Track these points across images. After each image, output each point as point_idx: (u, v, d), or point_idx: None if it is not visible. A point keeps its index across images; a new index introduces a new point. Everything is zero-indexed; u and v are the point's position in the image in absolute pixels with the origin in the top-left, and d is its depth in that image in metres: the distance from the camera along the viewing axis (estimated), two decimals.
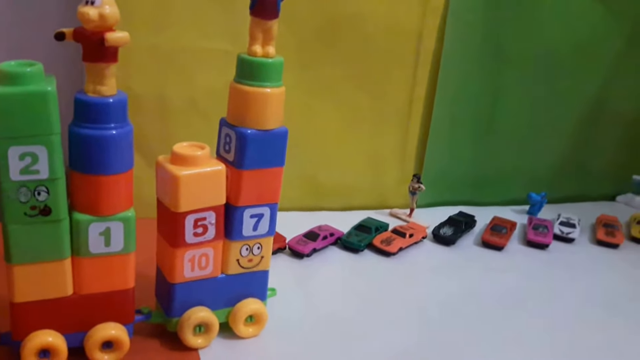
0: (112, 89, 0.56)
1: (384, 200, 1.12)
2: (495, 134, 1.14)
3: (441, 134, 1.10)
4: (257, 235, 0.67)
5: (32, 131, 0.53)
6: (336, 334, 0.72)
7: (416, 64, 1.04)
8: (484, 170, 1.16)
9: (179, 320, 0.66)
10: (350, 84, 1.03)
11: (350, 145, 1.07)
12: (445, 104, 1.08)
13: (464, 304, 0.82)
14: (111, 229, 0.59)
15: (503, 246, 0.99)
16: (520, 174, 1.19)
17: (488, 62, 1.08)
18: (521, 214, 1.14)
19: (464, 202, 1.15)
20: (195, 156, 0.62)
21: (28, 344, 0.58)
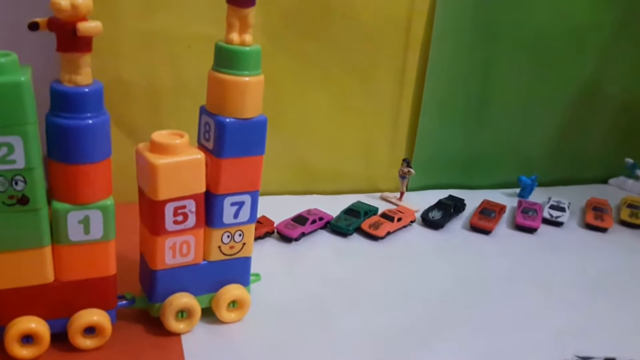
0: (88, 78, 0.55)
1: (374, 184, 1.11)
2: (486, 117, 1.13)
3: (432, 117, 1.08)
4: (238, 223, 0.67)
5: (7, 121, 0.52)
6: (322, 318, 0.72)
7: (406, 47, 1.03)
8: (475, 153, 1.15)
9: (161, 306, 0.65)
10: (339, 68, 1.01)
11: (341, 129, 1.06)
12: (435, 88, 1.06)
13: (451, 287, 0.81)
14: (90, 217, 0.58)
15: (491, 230, 0.98)
16: (512, 156, 1.18)
17: (478, 46, 1.06)
18: (512, 197, 1.13)
19: (455, 185, 1.14)
20: (174, 144, 0.61)
21: (11, 330, 0.58)
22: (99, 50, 0.59)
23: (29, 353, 0.59)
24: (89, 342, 0.62)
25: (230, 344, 0.66)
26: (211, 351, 0.65)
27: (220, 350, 0.65)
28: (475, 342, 0.70)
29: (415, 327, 0.72)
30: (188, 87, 0.92)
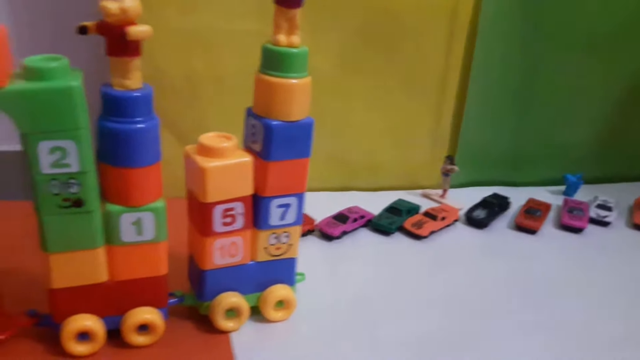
0: (138, 82, 0.55)
1: (415, 181, 1.08)
2: (532, 113, 1.08)
3: (476, 112, 1.04)
4: (285, 225, 0.66)
5: (60, 126, 0.52)
6: (365, 318, 0.70)
7: (450, 41, 0.99)
8: (520, 149, 1.10)
9: (210, 304, 0.65)
10: (380, 63, 0.98)
11: (381, 124, 1.03)
12: (480, 83, 1.02)
13: (498, 289, 0.78)
14: (142, 219, 0.58)
15: (537, 230, 0.94)
16: (557, 153, 1.12)
17: (525, 40, 1.02)
18: (557, 195, 1.09)
19: (498, 182, 1.10)
20: (222, 147, 0.60)
21: (67, 327, 0.59)
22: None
23: (85, 350, 0.60)
24: (141, 339, 0.62)
25: (277, 342, 0.65)
26: (260, 349, 0.64)
27: (268, 348, 0.64)
28: (526, 346, 0.67)
29: (463, 330, 0.69)
30: (227, 83, 0.91)
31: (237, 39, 0.89)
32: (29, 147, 0.52)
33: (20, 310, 0.61)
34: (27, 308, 0.62)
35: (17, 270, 0.71)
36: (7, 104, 0.50)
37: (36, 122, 0.51)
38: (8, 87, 0.50)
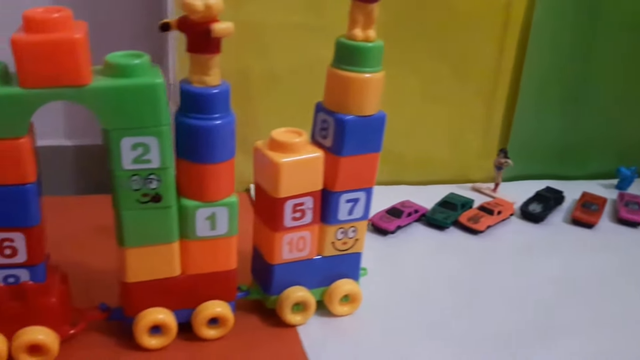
0: (217, 79, 0.55)
1: (465, 174, 1.06)
2: (584, 106, 1.06)
3: (529, 105, 1.03)
4: (352, 219, 0.66)
5: (143, 123, 0.52)
6: (428, 313, 0.70)
7: (504, 31, 0.97)
8: (572, 142, 1.08)
9: (277, 299, 0.65)
10: (431, 55, 0.97)
11: (431, 117, 1.02)
12: (534, 74, 1.00)
13: (561, 284, 0.78)
14: (216, 213, 0.58)
15: (594, 224, 0.93)
16: (609, 146, 1.10)
17: (580, 30, 1.00)
18: (609, 189, 1.07)
19: (549, 175, 1.08)
20: (294, 143, 0.60)
21: (141, 321, 0.60)
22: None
23: (158, 343, 0.60)
24: (212, 332, 0.62)
25: (345, 336, 0.66)
26: (328, 342, 0.64)
27: (337, 341, 0.65)
28: (591, 343, 0.66)
29: (531, 324, 0.69)
30: (278, 76, 0.91)
31: (288, 33, 0.89)
32: (112, 143, 0.53)
33: (86, 304, 0.62)
34: (90, 302, 0.63)
35: (82, 265, 0.72)
36: (92, 100, 0.51)
37: (120, 118, 0.52)
38: (93, 84, 0.50)
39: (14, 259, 0.54)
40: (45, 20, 0.48)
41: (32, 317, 0.56)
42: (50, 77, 0.49)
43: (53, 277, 0.57)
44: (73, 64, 0.49)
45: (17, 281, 0.55)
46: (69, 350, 0.59)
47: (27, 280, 0.55)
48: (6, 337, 0.56)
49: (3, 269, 0.54)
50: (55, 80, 0.49)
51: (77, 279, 0.63)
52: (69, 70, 0.49)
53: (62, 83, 0.49)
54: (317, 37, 0.92)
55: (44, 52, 0.48)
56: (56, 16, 0.49)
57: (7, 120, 0.50)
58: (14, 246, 0.53)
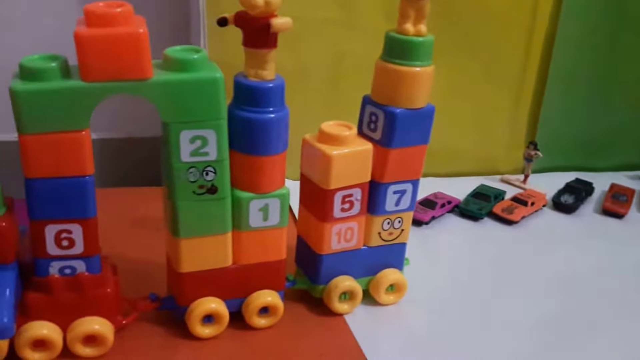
0: (272, 73, 0.56)
1: (493, 166, 1.07)
2: (610, 98, 1.07)
3: (556, 97, 1.03)
4: (399, 210, 0.67)
5: (203, 116, 0.53)
6: (470, 302, 0.71)
7: (532, 24, 0.98)
8: (598, 134, 1.09)
9: (325, 288, 0.66)
10: (460, 49, 0.97)
11: (459, 110, 1.02)
12: (561, 66, 1.01)
13: (593, 274, 0.79)
14: (269, 205, 0.59)
15: (625, 214, 0.94)
16: (635, 138, 1.11)
17: (607, 24, 1.00)
18: (635, 180, 1.07)
19: (575, 167, 1.09)
20: (344, 136, 0.61)
21: (195, 310, 0.61)
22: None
23: (211, 332, 0.62)
24: (263, 321, 0.64)
25: (394, 324, 0.67)
26: (377, 331, 0.65)
27: (385, 330, 0.66)
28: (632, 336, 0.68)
29: (571, 313, 0.70)
30: (309, 71, 0.92)
31: (317, 27, 0.89)
32: (171, 136, 0.54)
33: (133, 295, 0.63)
34: (136, 293, 0.63)
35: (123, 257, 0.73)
36: (153, 94, 0.52)
37: (180, 111, 0.53)
38: (155, 78, 0.51)
39: (71, 251, 0.55)
40: (107, 15, 0.49)
41: (87, 308, 0.57)
42: (113, 71, 0.50)
43: (106, 268, 0.58)
44: (136, 58, 0.50)
45: (74, 272, 0.56)
46: (122, 340, 0.60)
47: (83, 272, 0.56)
48: (61, 328, 0.57)
49: (60, 260, 0.55)
50: (118, 74, 0.50)
51: (119, 269, 0.64)
52: (132, 64, 0.50)
53: (124, 77, 0.50)
54: (346, 32, 0.94)
55: (107, 46, 0.49)
56: (118, 11, 0.49)
57: (70, 113, 0.50)
58: (71, 237, 0.54)
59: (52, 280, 0.55)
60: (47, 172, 0.51)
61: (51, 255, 0.54)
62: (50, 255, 0.54)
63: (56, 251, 0.54)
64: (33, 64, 0.50)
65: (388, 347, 0.63)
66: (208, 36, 0.87)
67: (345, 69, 0.95)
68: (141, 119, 0.95)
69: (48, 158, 0.51)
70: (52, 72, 0.50)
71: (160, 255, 0.64)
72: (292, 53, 0.90)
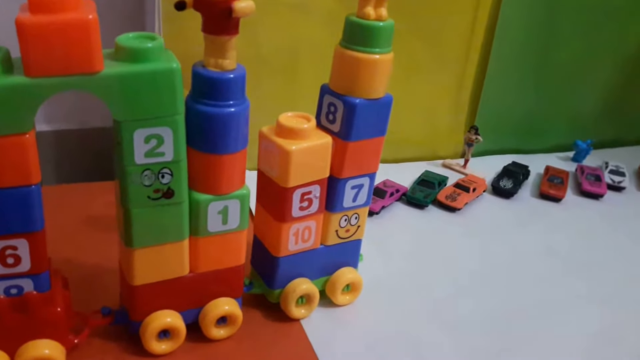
0: (233, 62, 0.55)
1: (435, 151, 1.13)
2: (545, 82, 1.15)
3: (496, 82, 1.10)
4: (356, 206, 0.69)
5: (158, 112, 0.52)
6: (427, 293, 0.75)
7: (476, 11, 1.03)
8: (533, 117, 1.17)
9: (282, 293, 0.68)
10: (402, 31, 0.97)
11: (403, 94, 1.03)
12: (502, 51, 1.07)
13: (542, 258, 0.85)
14: (229, 207, 0.59)
15: (562, 198, 1.01)
16: (564, 120, 1.20)
17: (546, 9, 1.07)
18: (566, 161, 1.17)
19: (511, 150, 1.17)
20: (303, 129, 0.61)
21: (150, 326, 0.60)
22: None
23: (167, 347, 0.61)
24: (222, 331, 0.64)
25: (348, 326, 0.69)
26: (332, 334, 0.67)
27: (340, 332, 0.68)
28: (580, 316, 0.74)
29: (530, 301, 0.76)
30: (265, 58, 0.92)
31: (273, 12, 0.89)
32: (124, 136, 0.52)
33: (83, 307, 0.61)
34: (87, 304, 0.61)
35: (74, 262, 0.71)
36: (104, 89, 0.50)
37: (134, 108, 0.51)
38: (105, 71, 0.49)
39: (17, 268, 0.52)
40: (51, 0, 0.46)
41: (36, 330, 0.55)
42: (59, 64, 0.47)
43: (56, 283, 0.56)
44: (85, 49, 0.48)
45: (20, 292, 0.53)
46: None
47: (30, 290, 0.53)
48: (7, 354, 0.54)
49: (5, 280, 0.52)
50: (65, 67, 0.48)
51: (70, 278, 0.62)
52: (80, 56, 0.48)
53: (72, 71, 0.48)
54: (302, 16, 0.94)
55: (52, 35, 0.46)
56: None
57: (11, 114, 0.48)
58: (17, 254, 0.51)
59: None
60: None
61: None
62: None
63: (0, 270, 0.51)
64: None
65: (342, 352, 0.65)
66: (163, 21, 0.85)
67: (302, 56, 0.96)
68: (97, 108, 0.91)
69: None
70: None
71: (115, 261, 0.63)
72: (246, 40, 0.88)
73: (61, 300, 0.56)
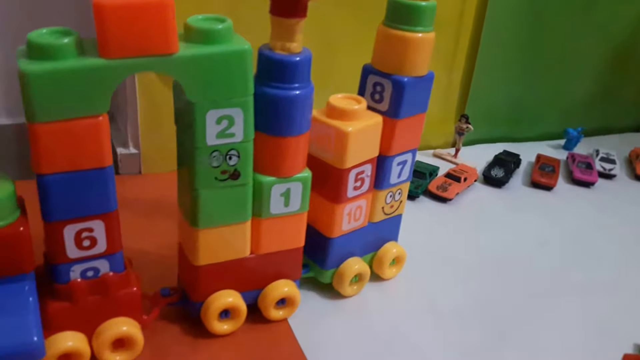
0: (300, 45, 0.55)
1: (425, 141, 1.12)
2: (534, 71, 1.15)
3: (486, 72, 1.10)
4: (400, 182, 0.69)
5: (231, 93, 0.51)
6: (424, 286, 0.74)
7: (464, 1, 1.03)
8: (523, 106, 1.18)
9: (335, 273, 0.67)
10: None
11: None
12: (491, 40, 1.07)
13: (534, 248, 0.84)
14: (291, 189, 0.59)
15: (553, 186, 1.00)
16: (554, 108, 1.21)
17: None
18: (557, 149, 1.16)
19: (502, 138, 1.17)
20: (355, 110, 0.61)
21: (212, 305, 0.59)
22: None
23: (229, 328, 0.60)
24: (281, 312, 0.63)
25: (394, 298, 0.70)
26: (384, 308, 0.68)
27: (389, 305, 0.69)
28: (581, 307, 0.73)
29: (519, 288, 0.75)
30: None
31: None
32: (197, 117, 0.51)
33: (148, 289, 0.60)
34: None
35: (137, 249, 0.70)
36: (179, 70, 0.49)
37: (207, 89, 0.50)
38: (181, 53, 0.48)
39: (93, 250, 0.51)
40: None
41: (113, 310, 0.54)
42: (136, 45, 0.46)
43: (128, 264, 0.55)
44: (161, 31, 0.47)
45: (97, 274, 0.52)
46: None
47: (107, 272, 0.52)
48: (86, 335, 0.53)
49: (81, 263, 0.51)
50: (141, 49, 0.47)
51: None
52: (157, 37, 0.47)
53: (148, 52, 0.47)
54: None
55: (130, 17, 0.46)
56: None
57: (88, 96, 0.46)
58: (93, 236, 0.50)
59: (74, 285, 0.51)
60: (64, 166, 0.47)
61: (71, 259, 0.50)
62: (71, 259, 0.50)
63: (77, 253, 0.50)
64: (44, 39, 0.45)
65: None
66: None
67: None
68: None
69: (64, 150, 0.47)
70: (66, 49, 0.45)
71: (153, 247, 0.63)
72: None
73: (135, 280, 0.55)
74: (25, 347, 0.45)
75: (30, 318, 0.46)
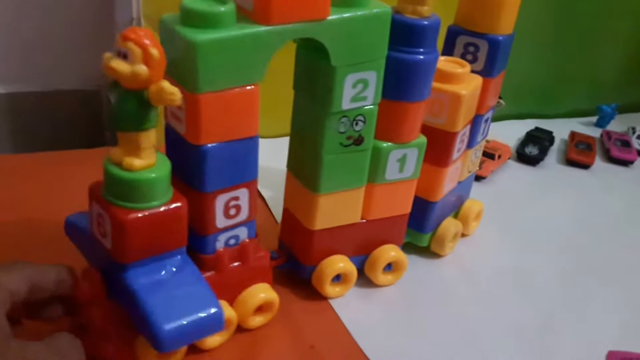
0: (430, 10, 0.53)
1: None
2: (564, 43, 1.11)
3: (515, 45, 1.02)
4: (483, 138, 0.71)
5: (369, 56, 0.50)
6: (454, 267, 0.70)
7: None
8: (555, 81, 1.13)
9: (434, 235, 0.67)
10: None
11: None
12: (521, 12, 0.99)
13: (579, 230, 0.79)
14: (407, 155, 0.58)
15: (591, 164, 0.94)
16: (585, 82, 1.16)
17: None
18: (588, 126, 1.11)
19: (530, 114, 1.12)
20: (461, 73, 0.60)
21: (326, 269, 0.58)
22: None
23: (340, 291, 0.60)
24: (389, 277, 0.63)
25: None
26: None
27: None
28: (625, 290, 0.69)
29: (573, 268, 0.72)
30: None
31: None
32: (337, 81, 0.49)
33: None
34: None
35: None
36: (329, 34, 0.47)
37: (350, 53, 0.48)
38: (331, 17, 0.47)
39: (237, 218, 0.50)
40: None
41: (250, 276, 0.53)
42: (296, 11, 0.44)
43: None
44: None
45: (237, 241, 0.51)
46: None
47: (245, 239, 0.51)
48: (229, 303, 0.52)
49: (226, 232, 0.49)
50: (300, 14, 0.45)
51: None
52: (314, 2, 0.45)
53: (305, 17, 0.45)
54: None
55: None
56: None
57: (248, 65, 0.44)
58: (238, 204, 0.49)
59: (220, 255, 0.50)
60: (221, 136, 0.45)
61: (219, 229, 0.48)
62: (218, 229, 0.48)
63: (224, 222, 0.49)
64: (202, 7, 0.42)
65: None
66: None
67: None
68: (61, 68, 0.83)
69: (221, 120, 0.45)
70: (228, 16, 0.43)
71: None
72: None
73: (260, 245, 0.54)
74: (210, 318, 0.45)
75: (207, 290, 0.45)
